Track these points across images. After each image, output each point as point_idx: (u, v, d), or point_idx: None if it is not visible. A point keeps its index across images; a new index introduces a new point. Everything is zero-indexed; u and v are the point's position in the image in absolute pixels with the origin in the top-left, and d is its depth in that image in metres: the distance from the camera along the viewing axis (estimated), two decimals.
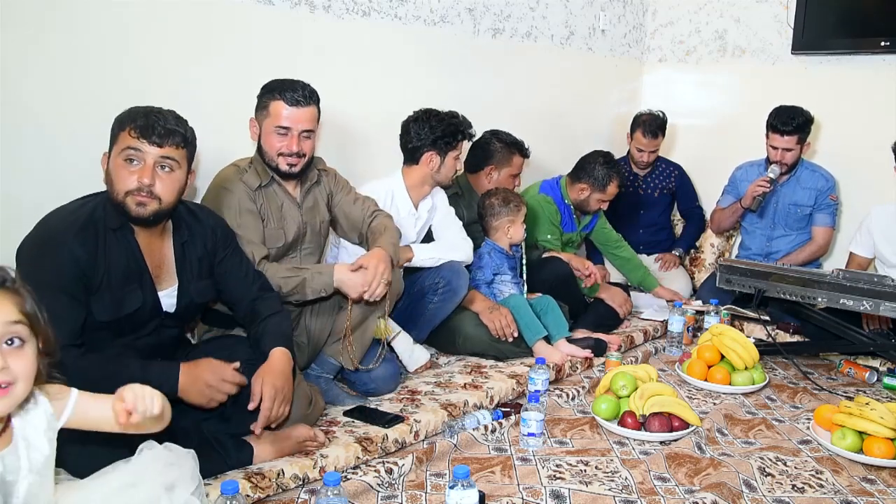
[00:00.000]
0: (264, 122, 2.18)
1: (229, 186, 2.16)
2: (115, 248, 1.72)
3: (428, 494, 1.84)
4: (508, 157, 3.05)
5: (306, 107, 2.17)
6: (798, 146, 3.36)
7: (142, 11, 2.19)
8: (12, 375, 1.10)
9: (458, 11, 3.22)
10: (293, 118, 2.16)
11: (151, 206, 1.71)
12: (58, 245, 1.64)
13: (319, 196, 2.37)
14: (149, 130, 1.67)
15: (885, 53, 3.59)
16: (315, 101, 2.21)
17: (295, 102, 2.15)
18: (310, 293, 2.12)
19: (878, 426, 2.09)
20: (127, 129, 1.68)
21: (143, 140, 1.67)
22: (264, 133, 2.19)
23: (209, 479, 1.72)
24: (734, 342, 2.69)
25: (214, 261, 1.94)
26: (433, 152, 2.65)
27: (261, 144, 2.22)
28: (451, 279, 2.62)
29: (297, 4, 2.60)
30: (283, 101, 2.14)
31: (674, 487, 1.92)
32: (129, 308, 1.75)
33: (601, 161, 3.26)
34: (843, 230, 3.66)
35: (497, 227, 2.91)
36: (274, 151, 2.18)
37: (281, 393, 1.82)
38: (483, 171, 3.05)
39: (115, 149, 1.71)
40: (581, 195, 3.29)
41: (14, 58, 1.95)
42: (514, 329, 2.72)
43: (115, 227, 1.73)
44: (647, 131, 3.76)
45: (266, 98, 2.17)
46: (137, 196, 1.69)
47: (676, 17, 4.30)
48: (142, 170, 1.69)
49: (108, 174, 1.73)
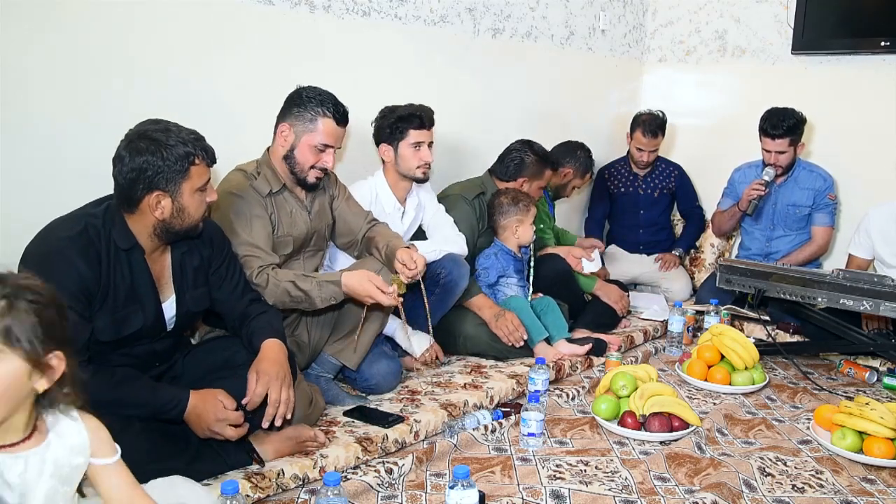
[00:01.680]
0: (305, 135, 2.14)
1: (240, 193, 2.12)
2: (119, 267, 1.70)
3: (428, 494, 1.84)
4: (541, 171, 3.08)
5: (346, 125, 2.21)
6: (791, 148, 3.35)
7: (142, 13, 2.19)
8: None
9: (458, 11, 3.22)
10: (338, 137, 2.18)
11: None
12: (62, 259, 1.62)
13: (324, 201, 2.37)
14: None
15: (885, 53, 3.59)
16: (348, 121, 2.23)
17: (342, 121, 2.17)
18: (319, 302, 2.08)
19: (878, 426, 2.09)
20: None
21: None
22: (302, 144, 2.15)
23: (209, 479, 1.73)
24: (734, 342, 2.69)
25: (210, 269, 1.93)
26: (385, 144, 2.63)
27: (293, 155, 2.17)
28: (451, 269, 2.62)
29: (297, 4, 2.60)
30: (333, 120, 2.14)
31: (674, 487, 1.92)
32: (130, 329, 1.74)
33: (584, 149, 3.49)
34: (843, 230, 3.65)
35: (505, 227, 2.91)
36: (308, 164, 2.17)
37: (277, 379, 1.79)
38: (516, 182, 3.05)
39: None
40: (564, 179, 3.46)
41: (13, 59, 1.94)
42: (522, 333, 2.72)
43: (126, 248, 1.70)
44: (647, 131, 3.76)
45: (312, 111, 2.13)
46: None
47: (676, 17, 4.30)
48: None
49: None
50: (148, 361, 1.84)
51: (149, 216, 1.69)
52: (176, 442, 1.71)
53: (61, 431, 1.22)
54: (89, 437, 1.25)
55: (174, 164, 1.66)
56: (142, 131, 1.67)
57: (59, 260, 1.62)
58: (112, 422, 1.32)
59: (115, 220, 1.71)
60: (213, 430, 1.72)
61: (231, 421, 1.74)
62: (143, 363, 1.82)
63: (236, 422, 1.75)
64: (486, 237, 2.98)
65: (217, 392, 1.74)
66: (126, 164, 1.65)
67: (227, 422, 1.73)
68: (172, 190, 1.68)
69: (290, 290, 2.04)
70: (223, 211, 2.08)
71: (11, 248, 1.69)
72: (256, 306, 1.99)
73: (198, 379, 1.85)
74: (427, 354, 2.60)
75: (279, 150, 2.19)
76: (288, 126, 2.16)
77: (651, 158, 3.87)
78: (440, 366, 2.67)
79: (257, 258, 2.05)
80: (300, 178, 2.19)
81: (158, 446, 1.66)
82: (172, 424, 1.72)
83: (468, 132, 3.36)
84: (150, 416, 1.67)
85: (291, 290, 2.04)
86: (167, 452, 1.67)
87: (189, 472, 1.64)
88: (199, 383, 1.79)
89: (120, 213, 1.71)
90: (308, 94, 2.15)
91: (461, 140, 3.34)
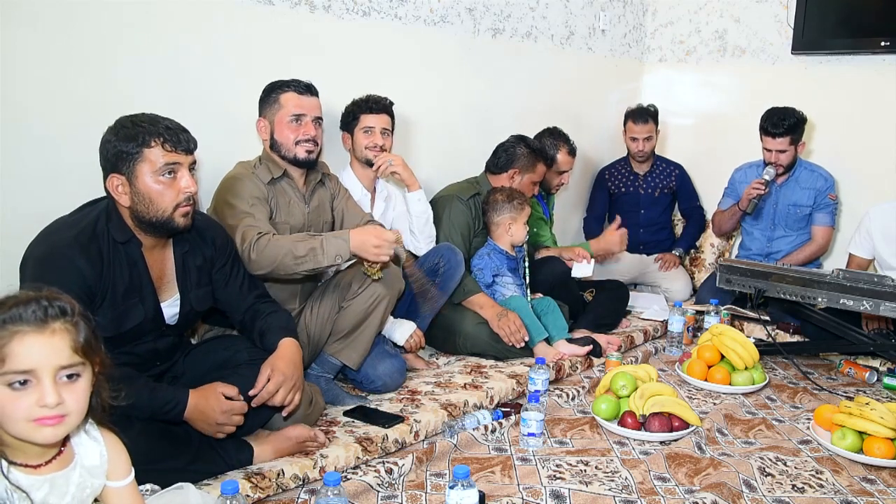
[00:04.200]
0: (276, 116, 2.26)
1: (241, 177, 2.20)
2: (119, 262, 1.71)
3: (428, 494, 1.84)
4: (533, 164, 3.05)
5: (314, 96, 2.30)
6: (792, 147, 3.36)
7: (141, 12, 2.19)
8: (67, 409, 1.12)
9: (458, 11, 3.22)
10: (306, 105, 2.27)
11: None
12: (64, 260, 1.62)
13: (324, 197, 2.40)
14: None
15: (885, 53, 3.59)
16: (317, 94, 2.32)
17: (304, 91, 2.27)
18: (324, 258, 2.02)
19: (878, 426, 2.09)
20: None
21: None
22: (277, 126, 2.26)
23: (209, 479, 1.72)
24: (734, 342, 2.69)
25: (213, 269, 1.93)
26: (345, 133, 2.70)
27: (274, 140, 2.27)
28: (450, 257, 2.66)
29: (297, 4, 2.60)
30: (293, 91, 2.26)
31: (674, 487, 1.92)
32: (130, 324, 1.74)
33: (549, 133, 3.38)
34: (843, 229, 3.66)
35: (498, 224, 2.90)
36: (291, 141, 2.25)
37: (290, 380, 1.82)
38: (507, 173, 3.04)
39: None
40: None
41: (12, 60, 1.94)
42: (524, 334, 2.72)
43: (122, 241, 1.71)
44: (638, 118, 3.81)
45: (274, 94, 2.27)
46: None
47: (676, 17, 4.30)
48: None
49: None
50: (149, 361, 1.84)
51: (121, 204, 1.71)
52: (176, 442, 1.70)
53: (85, 453, 1.23)
54: (109, 458, 1.26)
55: (126, 144, 1.66)
56: (121, 118, 1.71)
57: (61, 260, 1.62)
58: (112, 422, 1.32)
59: (112, 214, 1.72)
60: (220, 424, 1.72)
61: (236, 411, 1.74)
62: (144, 362, 1.82)
63: (242, 411, 1.75)
64: (483, 237, 2.98)
65: (216, 385, 1.75)
66: (100, 148, 1.70)
67: (233, 412, 1.73)
68: (128, 172, 1.68)
69: (295, 250, 2.01)
70: (223, 194, 2.15)
71: (12, 247, 1.69)
72: (266, 305, 2.00)
73: (198, 378, 1.85)
74: (412, 341, 2.59)
75: (265, 144, 2.31)
76: (262, 119, 2.30)
77: (647, 148, 3.86)
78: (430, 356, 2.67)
79: (256, 227, 2.07)
80: (290, 157, 2.27)
81: (158, 446, 1.65)
82: (173, 424, 1.72)
83: (468, 132, 3.36)
84: (150, 417, 1.67)
85: (296, 248, 2.01)
86: (167, 452, 1.66)
87: (189, 472, 1.65)
88: (200, 383, 1.78)
89: (116, 208, 1.73)
90: (269, 84, 2.29)
91: (461, 140, 3.34)
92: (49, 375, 1.10)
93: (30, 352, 1.09)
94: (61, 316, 1.12)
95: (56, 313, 1.12)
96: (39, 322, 1.10)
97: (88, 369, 1.16)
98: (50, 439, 1.14)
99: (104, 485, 1.26)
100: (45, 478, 1.17)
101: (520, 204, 2.88)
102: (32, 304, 1.10)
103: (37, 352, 1.09)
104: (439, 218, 2.88)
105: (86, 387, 1.16)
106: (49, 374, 1.10)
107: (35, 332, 1.09)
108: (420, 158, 3.10)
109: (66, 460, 1.20)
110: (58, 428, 1.12)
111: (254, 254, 2.01)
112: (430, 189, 2.98)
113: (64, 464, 1.20)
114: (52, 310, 1.11)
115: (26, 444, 1.14)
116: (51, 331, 1.11)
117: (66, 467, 1.20)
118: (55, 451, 1.19)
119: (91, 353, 1.15)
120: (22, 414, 1.09)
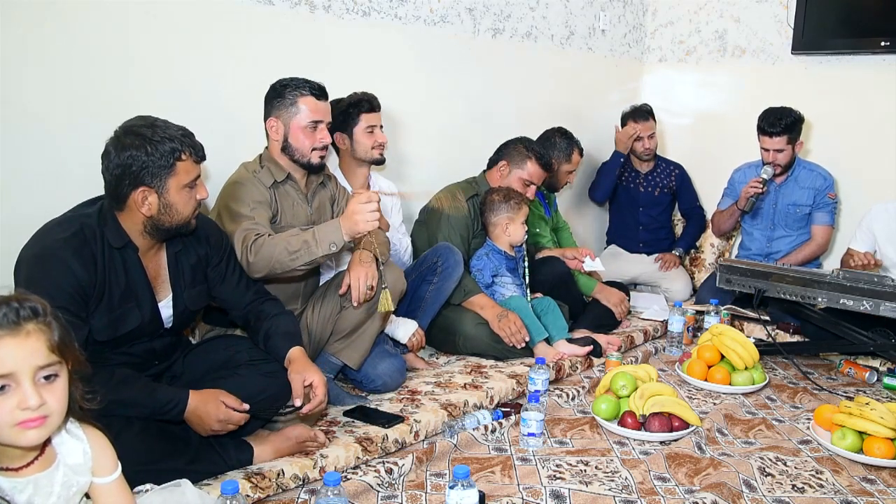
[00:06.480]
0: (293, 120, 2.19)
1: (243, 182, 2.17)
2: (114, 266, 1.70)
3: (428, 494, 1.84)
4: (523, 160, 3.02)
5: (328, 100, 2.26)
6: (789, 146, 3.36)
7: (141, 12, 2.19)
8: (49, 410, 1.12)
9: (458, 11, 3.22)
10: (322, 111, 2.23)
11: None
12: (57, 261, 1.61)
13: (325, 198, 2.39)
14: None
15: (885, 53, 3.59)
16: (328, 96, 2.29)
17: (322, 96, 2.22)
18: (318, 249, 1.98)
19: (878, 426, 2.09)
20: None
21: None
22: (293, 130, 2.20)
23: (209, 479, 1.72)
24: (734, 342, 2.69)
25: (208, 266, 1.93)
26: (339, 133, 2.64)
27: (288, 143, 2.21)
28: (448, 256, 2.66)
29: (297, 4, 2.60)
30: (312, 97, 2.20)
31: (674, 487, 1.92)
32: (127, 328, 1.74)
33: (560, 133, 3.37)
34: (843, 229, 3.65)
35: (496, 224, 2.90)
36: (307, 148, 2.21)
37: (324, 385, 1.84)
38: (496, 166, 3.05)
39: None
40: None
41: (12, 60, 1.94)
42: (524, 335, 2.72)
43: (119, 247, 1.71)
44: (639, 117, 3.82)
45: (290, 96, 2.19)
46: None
47: (676, 17, 4.30)
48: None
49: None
50: (147, 360, 1.84)
51: (137, 213, 1.70)
52: (176, 442, 1.70)
53: (67, 452, 1.22)
54: (93, 455, 1.25)
55: (159, 159, 1.66)
56: (128, 127, 1.68)
57: (55, 262, 1.61)
58: (111, 422, 1.32)
59: (108, 218, 1.71)
60: (214, 430, 1.72)
61: (234, 422, 1.74)
62: (142, 362, 1.82)
63: (239, 423, 1.75)
64: (482, 238, 2.98)
65: (218, 393, 1.74)
66: (112, 159, 1.66)
67: (230, 422, 1.73)
68: (158, 186, 1.68)
69: (289, 245, 1.99)
70: (225, 199, 2.12)
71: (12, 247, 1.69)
72: (270, 305, 2.00)
73: (198, 378, 1.85)
74: (414, 340, 2.59)
75: (275, 144, 2.24)
76: (275, 119, 2.22)
77: (652, 146, 3.88)
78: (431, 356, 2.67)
79: (254, 230, 2.05)
80: (304, 163, 2.23)
81: (158, 446, 1.66)
82: (172, 424, 1.72)
83: (467, 132, 3.36)
84: (150, 417, 1.67)
85: (290, 243, 1.99)
86: (167, 452, 1.66)
87: (189, 472, 1.64)
88: (199, 383, 1.78)
89: (112, 212, 1.71)
90: (282, 83, 2.21)
91: (460, 140, 3.34)
92: (28, 377, 1.09)
93: (6, 355, 1.07)
94: (34, 317, 1.11)
95: (28, 314, 1.10)
96: (12, 325, 1.09)
97: (65, 368, 1.15)
98: (34, 441, 1.13)
99: (91, 482, 1.25)
100: (27, 479, 1.16)
101: (517, 204, 2.87)
102: (3, 308, 1.09)
103: (14, 355, 1.08)
104: (438, 219, 2.88)
105: (64, 386, 1.15)
106: (28, 375, 1.09)
107: (9, 335, 1.08)
108: (419, 158, 3.10)
109: (48, 461, 1.19)
110: (41, 429, 1.12)
111: (251, 256, 2.00)
112: (429, 189, 2.98)
113: (46, 464, 1.19)
114: (23, 311, 1.10)
115: (7, 448, 1.13)
116: (25, 332, 1.09)
117: (48, 468, 1.19)
118: (36, 453, 1.18)
119: (66, 351, 1.14)
120: (4, 419, 1.08)
